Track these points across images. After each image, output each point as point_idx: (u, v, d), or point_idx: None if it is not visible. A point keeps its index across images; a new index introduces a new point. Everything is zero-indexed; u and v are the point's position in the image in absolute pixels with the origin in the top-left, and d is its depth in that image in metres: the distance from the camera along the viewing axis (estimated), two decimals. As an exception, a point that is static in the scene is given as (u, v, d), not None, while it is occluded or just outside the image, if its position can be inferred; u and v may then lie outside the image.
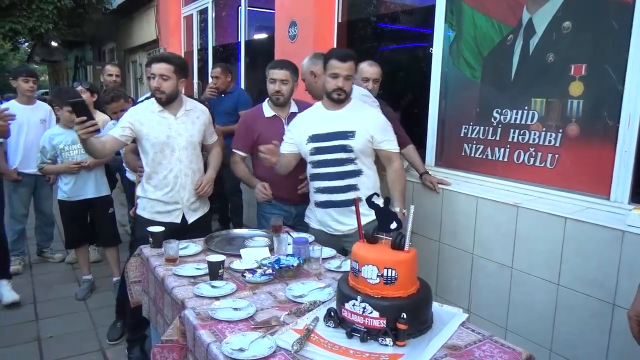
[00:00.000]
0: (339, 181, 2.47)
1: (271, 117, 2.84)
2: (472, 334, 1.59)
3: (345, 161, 2.46)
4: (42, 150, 3.55)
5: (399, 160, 2.53)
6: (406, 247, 1.56)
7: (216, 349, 1.47)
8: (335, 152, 2.45)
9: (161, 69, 2.56)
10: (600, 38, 2.29)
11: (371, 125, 2.44)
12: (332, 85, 2.41)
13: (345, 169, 2.46)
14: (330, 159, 2.47)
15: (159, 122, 2.65)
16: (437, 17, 3.14)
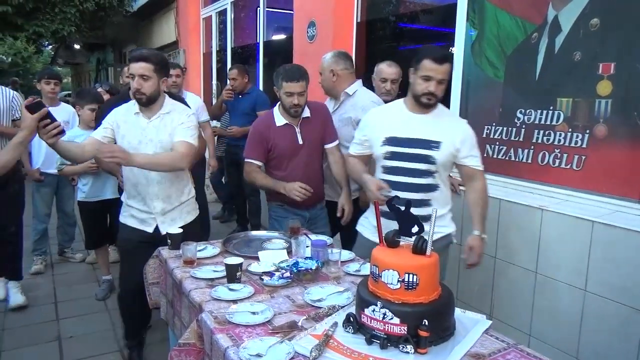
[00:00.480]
0: (413, 194, 2.19)
1: (283, 126, 2.73)
2: (497, 342, 1.54)
3: (424, 173, 2.21)
4: None
5: (483, 179, 2.25)
6: (428, 251, 1.51)
7: (234, 354, 1.44)
8: (415, 161, 2.19)
9: (140, 69, 2.37)
10: (630, 35, 2.21)
11: (459, 137, 2.19)
12: (423, 89, 2.13)
13: (422, 182, 2.21)
14: (407, 168, 2.21)
15: (134, 125, 2.49)
16: (458, 15, 3.08)
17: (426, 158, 2.18)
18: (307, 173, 2.74)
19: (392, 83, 3.09)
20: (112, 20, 11.24)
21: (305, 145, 2.74)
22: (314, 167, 2.80)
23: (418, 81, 2.14)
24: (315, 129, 2.75)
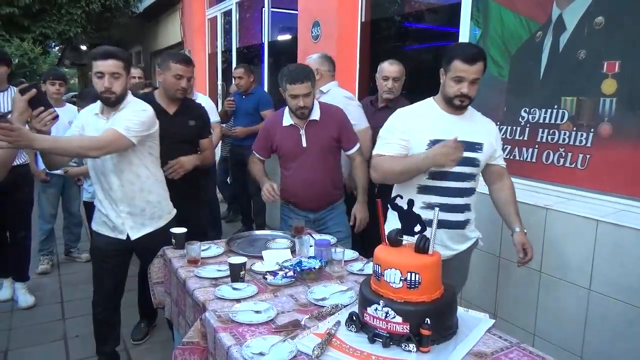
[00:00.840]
0: (458, 199, 2.13)
1: (288, 126, 2.70)
2: (499, 341, 1.54)
3: (468, 177, 2.12)
4: None
5: (509, 177, 2.24)
6: (430, 250, 1.51)
7: (236, 352, 1.45)
8: (461, 164, 2.04)
9: (111, 67, 2.24)
10: (635, 34, 2.20)
11: (494, 137, 2.16)
12: (455, 91, 2.00)
13: (466, 186, 2.14)
14: (455, 172, 2.08)
15: (94, 126, 2.35)
16: (462, 14, 3.08)
17: (472, 161, 2.09)
18: (310, 176, 2.69)
19: (394, 81, 3.09)
20: (118, 21, 11.31)
21: (309, 148, 2.68)
22: (320, 171, 2.71)
23: (449, 83, 2.01)
24: (324, 132, 2.67)
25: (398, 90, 3.15)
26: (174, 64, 2.69)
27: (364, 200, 2.76)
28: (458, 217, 2.16)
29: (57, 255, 4.59)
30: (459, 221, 2.17)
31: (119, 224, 2.48)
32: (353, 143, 2.74)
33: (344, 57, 4.18)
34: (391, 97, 3.13)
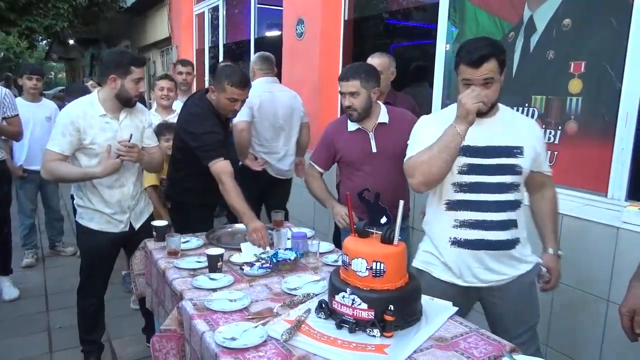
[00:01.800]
0: (498, 214, 1.81)
1: (355, 131, 2.45)
2: (460, 327, 1.62)
3: (509, 187, 1.81)
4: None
5: (553, 186, 1.95)
6: (395, 241, 1.59)
7: (209, 338, 1.52)
8: (498, 173, 1.80)
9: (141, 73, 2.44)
10: (599, 36, 2.30)
11: (537, 140, 1.84)
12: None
13: (507, 198, 1.81)
14: (488, 183, 1.81)
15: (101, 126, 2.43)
16: (440, 14, 3.16)
17: (512, 168, 1.80)
18: (380, 184, 2.29)
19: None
20: (106, 16, 11.26)
21: (379, 153, 2.43)
22: (392, 180, 2.39)
23: (460, 87, 1.79)
24: (396, 136, 2.34)
25: (384, 84, 2.86)
26: (229, 87, 2.51)
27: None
28: (500, 236, 1.82)
29: (42, 249, 4.63)
30: (502, 241, 1.82)
31: (125, 218, 2.59)
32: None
33: (328, 55, 4.26)
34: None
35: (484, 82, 1.71)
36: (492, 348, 1.49)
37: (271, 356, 1.42)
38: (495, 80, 1.72)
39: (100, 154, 2.39)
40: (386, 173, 2.41)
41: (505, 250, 1.83)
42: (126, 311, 3.36)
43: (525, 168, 1.80)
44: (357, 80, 2.32)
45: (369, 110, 2.39)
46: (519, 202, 1.84)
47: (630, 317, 1.57)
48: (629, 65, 2.16)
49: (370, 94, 2.35)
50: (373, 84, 2.35)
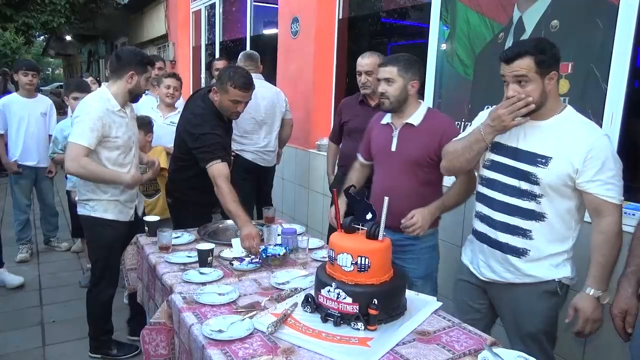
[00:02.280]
0: (507, 216, 1.81)
1: (385, 125, 2.34)
2: (443, 321, 1.66)
3: (524, 194, 1.76)
4: (54, 141, 3.67)
5: (613, 216, 1.67)
6: (380, 236, 1.62)
7: (197, 330, 1.55)
8: (515, 177, 1.77)
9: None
10: (586, 37, 2.33)
11: (580, 153, 1.66)
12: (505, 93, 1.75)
13: (521, 205, 1.77)
14: (504, 183, 1.81)
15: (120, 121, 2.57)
16: (432, 14, 3.19)
17: (527, 175, 1.74)
18: (390, 186, 2.21)
19: (367, 75, 2.84)
20: (103, 13, 11.26)
21: (397, 154, 2.27)
22: (402, 185, 2.25)
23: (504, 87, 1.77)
24: (419, 141, 2.23)
25: (375, 83, 2.68)
26: (232, 89, 2.51)
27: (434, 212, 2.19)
28: (503, 238, 1.82)
29: (37, 244, 4.65)
30: (504, 244, 1.82)
31: (134, 206, 2.77)
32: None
33: (322, 54, 4.28)
34: (368, 91, 2.88)
35: (515, 79, 1.70)
36: (472, 342, 1.53)
37: (257, 348, 1.45)
38: (531, 79, 1.67)
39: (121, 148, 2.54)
40: (399, 176, 2.27)
41: (506, 254, 1.82)
42: (117, 305, 3.38)
43: (544, 180, 1.71)
44: (394, 67, 2.21)
45: (403, 104, 2.25)
46: (535, 213, 1.75)
47: (622, 318, 1.60)
48: (614, 66, 2.19)
49: (407, 85, 2.22)
50: (412, 75, 2.22)
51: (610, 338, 2.13)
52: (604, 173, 1.65)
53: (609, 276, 1.69)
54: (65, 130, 3.64)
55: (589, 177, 1.66)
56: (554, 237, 1.76)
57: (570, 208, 1.75)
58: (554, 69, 1.70)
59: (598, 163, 1.65)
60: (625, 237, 1.74)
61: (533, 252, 1.78)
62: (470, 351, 1.47)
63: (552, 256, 1.78)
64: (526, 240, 1.78)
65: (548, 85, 1.70)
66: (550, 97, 1.73)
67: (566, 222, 1.76)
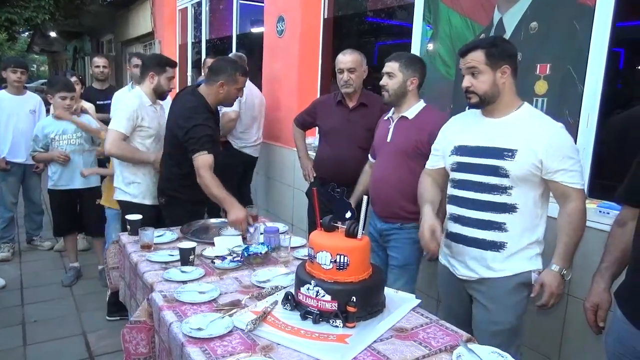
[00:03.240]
0: (480, 212, 1.88)
1: (386, 119, 2.51)
2: (421, 318, 1.69)
3: (494, 188, 1.84)
4: (35, 139, 3.64)
5: (577, 200, 1.79)
6: (359, 235, 1.64)
7: (176, 328, 1.56)
8: (484, 173, 1.86)
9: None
10: (564, 39, 2.37)
11: (542, 145, 1.76)
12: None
13: (493, 199, 1.85)
14: (474, 182, 1.89)
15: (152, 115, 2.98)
16: (415, 14, 3.21)
17: (496, 170, 1.82)
18: (381, 176, 2.45)
19: (349, 72, 2.81)
20: (88, 9, 11.14)
21: (391, 144, 2.42)
22: (393, 174, 2.40)
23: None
24: (412, 133, 2.36)
25: (357, 82, 2.86)
26: (241, 77, 2.72)
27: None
28: (476, 234, 1.90)
29: (19, 243, 4.60)
30: (478, 239, 1.90)
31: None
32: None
33: (307, 53, 4.29)
34: (349, 90, 2.85)
35: (468, 71, 1.85)
36: (449, 338, 1.55)
37: (236, 346, 1.47)
38: (482, 71, 1.81)
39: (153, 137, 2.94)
40: (390, 165, 2.41)
41: (485, 250, 1.88)
42: (101, 305, 3.38)
43: (513, 172, 1.79)
44: (396, 63, 2.37)
45: (402, 98, 2.40)
46: (510, 207, 1.83)
47: (594, 312, 1.65)
48: (590, 67, 2.24)
49: (406, 81, 2.37)
50: (412, 72, 2.38)
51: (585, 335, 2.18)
52: (566, 162, 1.77)
53: (572, 254, 1.83)
54: (46, 128, 3.61)
55: (555, 168, 1.77)
56: (526, 226, 1.86)
57: (536, 196, 1.85)
58: (506, 64, 1.82)
59: (559, 154, 1.76)
60: (601, 235, 1.79)
61: (510, 244, 1.86)
62: (446, 347, 1.50)
63: (527, 248, 1.87)
64: (501, 233, 1.86)
65: (500, 79, 1.82)
66: (505, 92, 1.85)
67: (535, 211, 1.86)
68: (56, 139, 3.62)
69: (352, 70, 2.83)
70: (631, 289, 1.49)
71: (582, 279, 2.14)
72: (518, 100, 1.89)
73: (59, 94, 3.55)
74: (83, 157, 3.68)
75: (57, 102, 3.58)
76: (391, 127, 2.43)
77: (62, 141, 3.63)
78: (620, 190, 1.63)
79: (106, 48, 13.98)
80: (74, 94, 3.62)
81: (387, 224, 2.47)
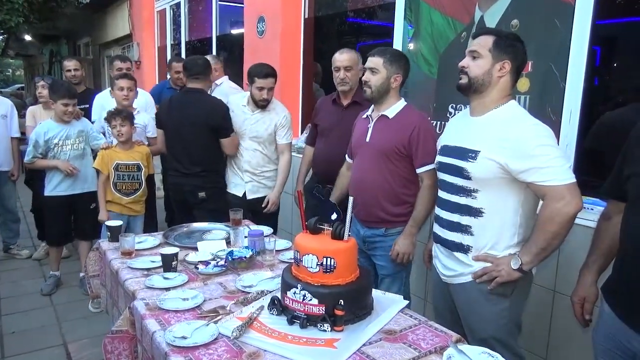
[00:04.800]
0: (450, 214, 1.85)
1: (364, 119, 2.44)
2: (410, 320, 1.66)
3: (460, 190, 1.80)
4: (35, 145, 3.45)
5: (553, 200, 1.64)
6: (345, 236, 1.61)
7: (160, 337, 1.51)
8: (452, 174, 1.82)
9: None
10: (545, 36, 2.38)
11: (504, 147, 1.67)
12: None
13: (458, 201, 1.81)
14: (447, 182, 1.86)
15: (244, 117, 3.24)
16: (396, 14, 3.21)
17: (460, 171, 1.77)
18: (361, 177, 2.36)
19: (345, 70, 2.78)
20: (64, 12, 10.91)
21: (370, 144, 2.34)
22: (372, 176, 2.32)
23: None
24: (391, 134, 2.29)
25: (353, 80, 2.82)
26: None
27: (411, 232, 2.28)
28: (447, 235, 1.87)
29: (-5, 253, 4.48)
30: (448, 240, 1.87)
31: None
32: (421, 162, 2.24)
33: (288, 53, 4.26)
34: (346, 88, 2.82)
35: (470, 53, 1.79)
36: (438, 339, 1.53)
37: (221, 354, 1.43)
38: (483, 56, 1.75)
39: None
40: (370, 166, 2.33)
41: (454, 251, 1.86)
42: (83, 314, 3.30)
43: (475, 174, 1.73)
44: (380, 58, 2.29)
45: (384, 95, 2.31)
46: (475, 211, 1.77)
47: (581, 305, 1.66)
48: (572, 64, 2.25)
49: (389, 77, 2.28)
50: (396, 69, 2.29)
51: (572, 330, 2.19)
52: (535, 160, 1.64)
53: (539, 255, 1.70)
54: (47, 133, 3.44)
55: (521, 168, 1.66)
56: (495, 233, 1.76)
57: (513, 203, 1.74)
58: (507, 59, 1.74)
59: (524, 153, 1.64)
60: (586, 231, 1.79)
61: (475, 248, 1.80)
62: (436, 349, 1.48)
63: (497, 254, 1.77)
64: (466, 236, 1.81)
65: (498, 72, 1.75)
66: (497, 88, 1.76)
67: (509, 218, 1.75)
68: (59, 144, 3.46)
69: (349, 69, 2.80)
70: (618, 283, 1.50)
71: (568, 275, 2.15)
72: (506, 99, 1.79)
73: (61, 101, 3.39)
74: (83, 161, 3.57)
75: (59, 108, 3.42)
76: (370, 126, 2.35)
77: (66, 146, 3.48)
78: (606, 185, 1.63)
79: (83, 51, 13.74)
80: (75, 101, 3.49)
81: (370, 229, 2.38)
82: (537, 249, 1.70)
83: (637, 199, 1.43)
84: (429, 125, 2.33)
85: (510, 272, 1.73)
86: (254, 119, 3.16)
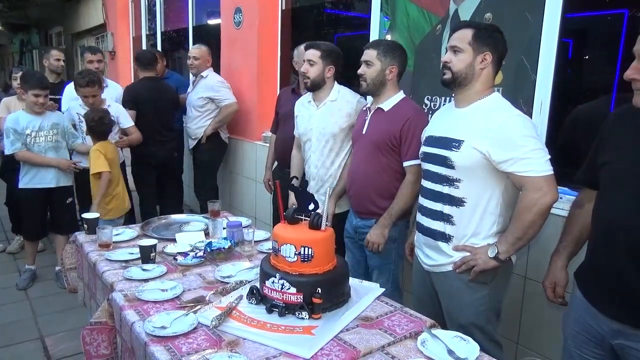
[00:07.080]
0: (432, 203, 1.89)
1: (364, 110, 2.46)
2: (386, 307, 1.71)
3: (443, 180, 1.83)
4: (15, 134, 3.33)
5: (533, 192, 1.68)
6: (323, 226, 1.64)
7: (139, 328, 1.52)
8: (436, 163, 1.86)
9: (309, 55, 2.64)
10: (517, 29, 2.43)
11: (489, 135, 1.71)
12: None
13: (442, 190, 1.84)
14: (431, 172, 1.90)
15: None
16: (373, 5, 3.23)
17: (444, 160, 1.81)
18: (355, 168, 2.41)
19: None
20: (35, 1, 10.63)
21: (366, 136, 2.35)
22: (365, 167, 2.35)
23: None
24: (385, 126, 2.29)
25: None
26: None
27: (383, 223, 2.29)
28: (429, 224, 1.91)
29: (-32, 248, 4.38)
30: (430, 229, 1.90)
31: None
32: (410, 156, 2.23)
33: (266, 45, 4.25)
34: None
35: (452, 48, 1.82)
36: (413, 325, 1.58)
37: (201, 342, 1.45)
38: (464, 50, 1.79)
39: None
40: (363, 158, 2.35)
41: (434, 239, 1.89)
42: (59, 308, 3.26)
43: (458, 163, 1.76)
44: (374, 50, 2.29)
45: (381, 88, 2.31)
46: (457, 200, 1.80)
47: (552, 289, 1.72)
48: (542, 57, 2.31)
49: (384, 70, 2.28)
50: (391, 60, 2.28)
51: (542, 315, 2.27)
52: (516, 150, 1.67)
53: (515, 244, 1.75)
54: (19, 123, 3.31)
55: (502, 158, 1.69)
56: (476, 222, 1.81)
57: (494, 193, 1.78)
58: (489, 51, 1.79)
59: (507, 143, 1.69)
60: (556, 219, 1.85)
61: (456, 237, 1.84)
62: (410, 334, 1.53)
63: (477, 243, 1.82)
64: (448, 225, 1.85)
65: (479, 64, 1.79)
66: (480, 80, 1.81)
67: (490, 208, 1.79)
68: (32, 135, 3.39)
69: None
70: (590, 269, 1.56)
71: (538, 262, 2.22)
72: (489, 91, 1.83)
73: (32, 91, 3.32)
74: (58, 154, 3.51)
75: (29, 99, 3.34)
76: (367, 119, 2.37)
77: (39, 138, 3.41)
78: (579, 174, 1.69)
79: (55, 41, 13.40)
80: (47, 92, 3.41)
81: (362, 220, 2.41)
82: (513, 238, 1.75)
83: (609, 187, 1.49)
84: (422, 120, 2.26)
85: (487, 261, 1.77)
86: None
